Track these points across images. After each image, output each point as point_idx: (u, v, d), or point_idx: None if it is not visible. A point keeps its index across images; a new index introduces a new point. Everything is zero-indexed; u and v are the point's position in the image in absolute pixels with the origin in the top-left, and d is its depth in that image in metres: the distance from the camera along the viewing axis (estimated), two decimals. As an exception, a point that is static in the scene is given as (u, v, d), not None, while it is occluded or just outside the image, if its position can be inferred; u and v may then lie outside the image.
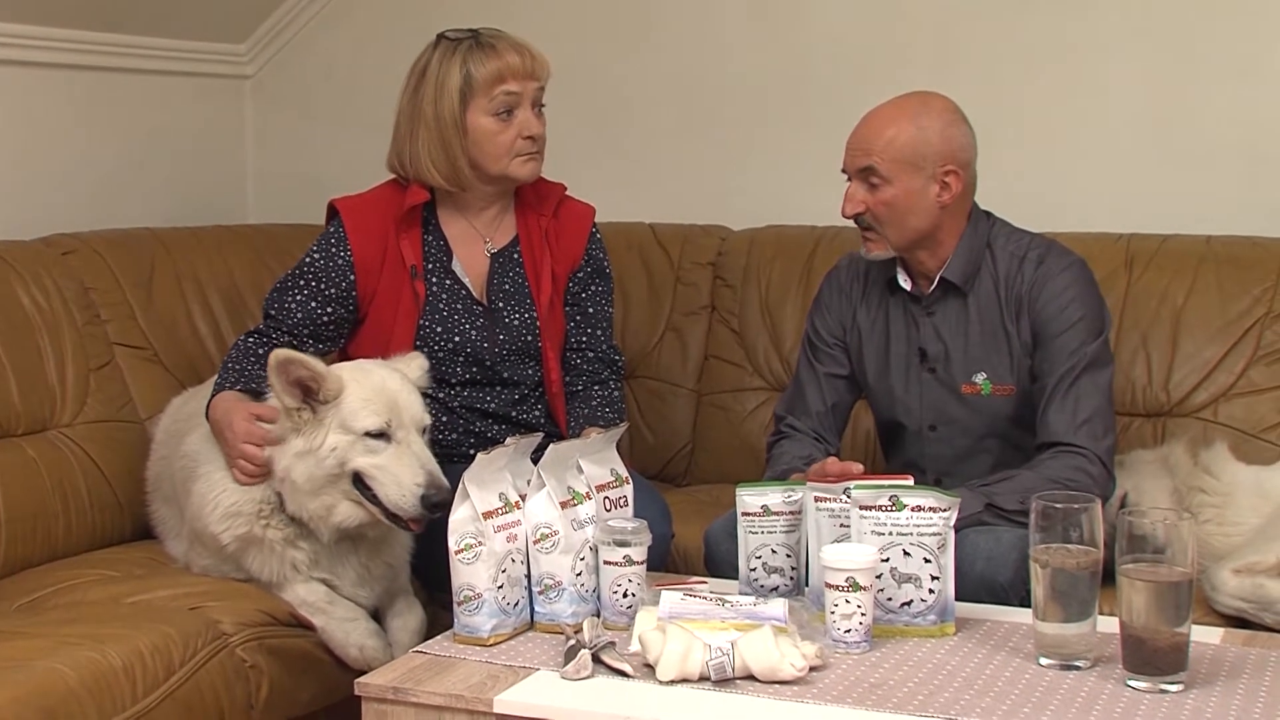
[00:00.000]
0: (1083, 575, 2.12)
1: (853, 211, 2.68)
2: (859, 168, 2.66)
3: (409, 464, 2.50)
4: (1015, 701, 2.02)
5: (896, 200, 2.64)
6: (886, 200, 2.64)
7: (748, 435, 3.44)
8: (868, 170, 2.64)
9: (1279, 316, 3.10)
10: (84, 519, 2.95)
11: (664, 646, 2.10)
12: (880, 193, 2.64)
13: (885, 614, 2.27)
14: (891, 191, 2.64)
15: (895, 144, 2.62)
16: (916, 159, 2.63)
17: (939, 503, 2.26)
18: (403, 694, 2.10)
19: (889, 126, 2.64)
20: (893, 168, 2.63)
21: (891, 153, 2.62)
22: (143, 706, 2.32)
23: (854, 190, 2.67)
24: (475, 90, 2.82)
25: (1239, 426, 3.07)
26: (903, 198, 2.64)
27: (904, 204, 2.65)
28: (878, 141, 2.63)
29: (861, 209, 2.67)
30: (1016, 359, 2.70)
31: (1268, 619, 2.55)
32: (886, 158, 2.62)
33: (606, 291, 3.05)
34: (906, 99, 2.69)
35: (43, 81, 3.47)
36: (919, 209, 2.65)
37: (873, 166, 2.63)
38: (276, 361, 2.49)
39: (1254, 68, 3.34)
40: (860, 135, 2.67)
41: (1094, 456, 2.58)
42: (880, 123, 2.65)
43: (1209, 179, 3.39)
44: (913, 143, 2.62)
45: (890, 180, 2.63)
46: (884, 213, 2.65)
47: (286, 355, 2.50)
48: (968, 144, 2.67)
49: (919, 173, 2.63)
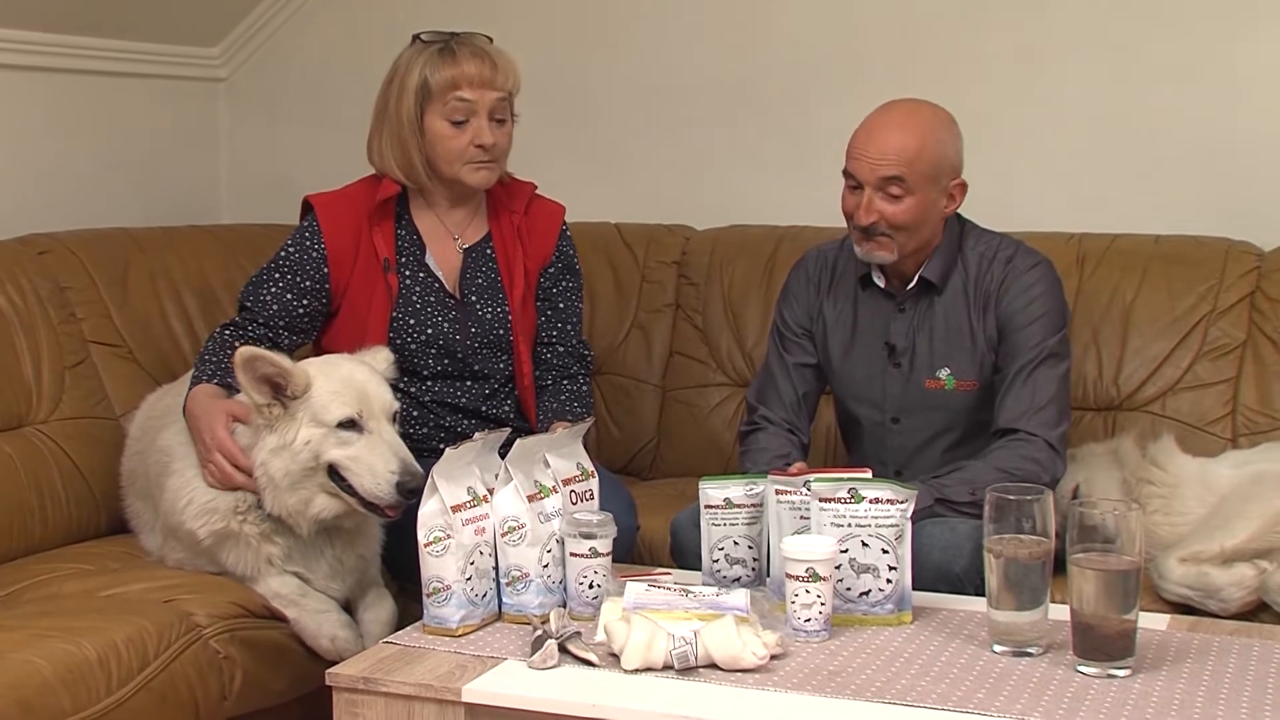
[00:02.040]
0: (1035, 565, 2.13)
1: (870, 221, 2.63)
2: (883, 176, 2.60)
3: (382, 453, 2.49)
4: (970, 687, 2.03)
5: (914, 210, 2.63)
6: (906, 210, 2.62)
7: (712, 430, 3.45)
8: (893, 180, 2.60)
9: (1223, 313, 3.13)
10: (60, 514, 2.93)
11: (629, 636, 2.10)
12: (902, 203, 2.62)
13: (844, 603, 2.28)
14: (912, 202, 2.62)
15: (924, 157, 2.60)
16: (937, 173, 2.63)
17: (896, 495, 2.27)
18: (373, 684, 2.10)
19: (916, 138, 2.60)
20: (920, 180, 2.61)
21: (921, 166, 2.60)
22: (118, 698, 2.30)
23: (871, 198, 2.62)
24: (432, 95, 2.81)
25: (1185, 420, 3.09)
26: (920, 209, 2.63)
27: (921, 215, 2.64)
28: (907, 153, 2.59)
29: (876, 218, 2.63)
30: (980, 355, 2.71)
31: (1212, 606, 2.57)
32: (916, 171, 2.60)
33: (576, 288, 3.05)
34: (920, 110, 2.66)
35: (19, 84, 3.44)
36: (931, 219, 2.66)
37: (901, 177, 2.59)
38: (242, 359, 2.47)
39: (1199, 74, 3.37)
40: (883, 145, 2.61)
41: (1043, 443, 2.60)
42: (904, 134, 2.60)
43: (1156, 181, 3.42)
44: (936, 157, 2.62)
45: (914, 191, 2.61)
46: (903, 221, 2.63)
47: (251, 353, 2.48)
48: (962, 155, 2.69)
49: (936, 185, 2.64)
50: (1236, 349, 3.10)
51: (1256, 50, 3.32)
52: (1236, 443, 3.03)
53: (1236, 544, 2.61)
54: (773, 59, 3.68)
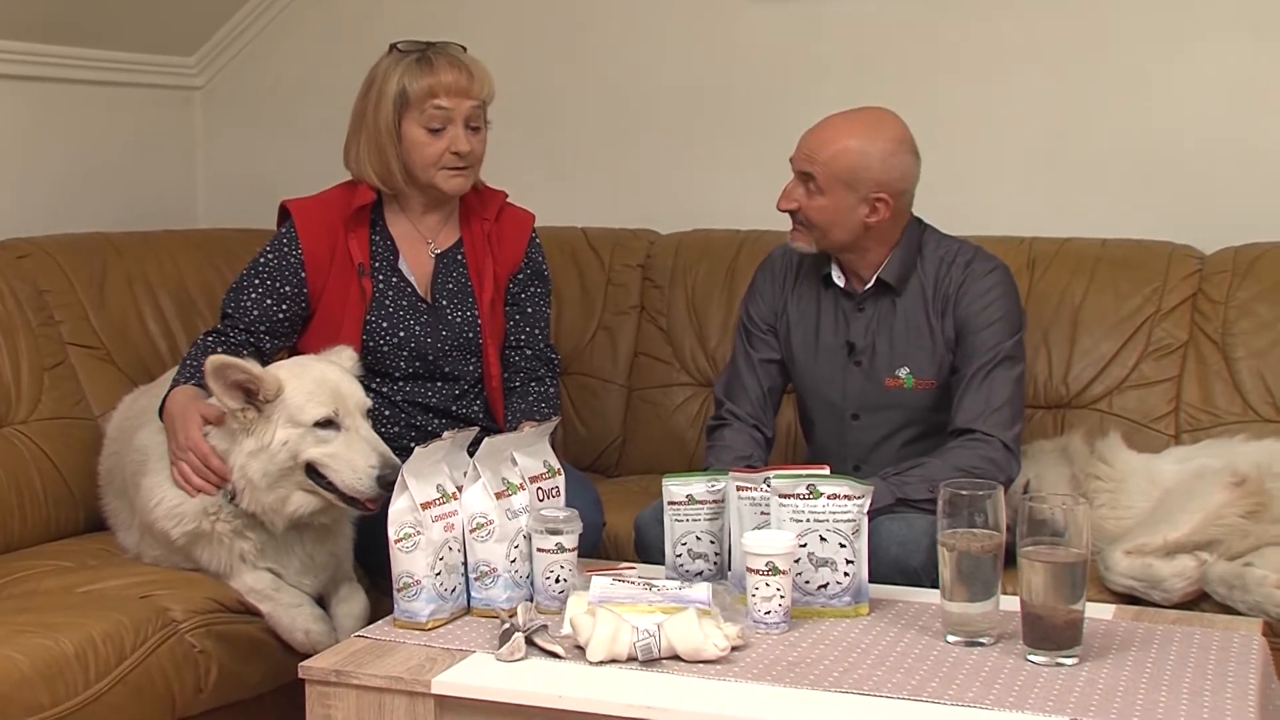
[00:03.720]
0: (986, 558, 2.14)
1: (787, 207, 2.69)
2: (801, 170, 2.67)
3: (361, 449, 2.49)
4: (924, 676, 2.04)
5: (826, 210, 2.65)
6: (818, 208, 2.66)
7: (675, 428, 3.45)
8: (806, 175, 2.65)
9: (1167, 314, 3.15)
10: (39, 512, 2.91)
11: (594, 629, 2.10)
12: (814, 199, 2.65)
13: (803, 596, 2.28)
14: (824, 201, 2.65)
15: (838, 161, 2.62)
16: (853, 179, 2.63)
17: (853, 491, 2.27)
18: (345, 676, 2.09)
19: (837, 142, 2.63)
20: (830, 183, 2.63)
21: (833, 168, 2.63)
22: (95, 691, 2.29)
23: (793, 188, 2.68)
24: (409, 103, 2.81)
25: (1131, 417, 3.10)
26: (832, 210, 2.65)
27: (831, 216, 2.66)
28: (824, 153, 2.63)
29: (795, 207, 2.68)
30: (939, 355, 2.72)
31: (1155, 596, 2.58)
32: (827, 171, 2.63)
33: (545, 293, 3.05)
34: (864, 116, 2.68)
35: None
36: (844, 224, 2.67)
37: (812, 175, 2.64)
38: (213, 368, 2.45)
39: (1141, 86, 3.40)
40: (811, 141, 2.66)
41: (999, 443, 2.61)
42: (832, 135, 2.64)
43: (1103, 187, 3.44)
44: (853, 165, 2.63)
45: (825, 192, 2.64)
46: (813, 218, 2.67)
47: (221, 361, 2.46)
48: (908, 174, 2.68)
49: (852, 192, 2.64)
50: (1179, 348, 3.13)
51: (1194, 65, 3.36)
52: (1179, 439, 3.05)
53: (1179, 537, 2.63)
54: (734, 70, 3.69)
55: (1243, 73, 3.33)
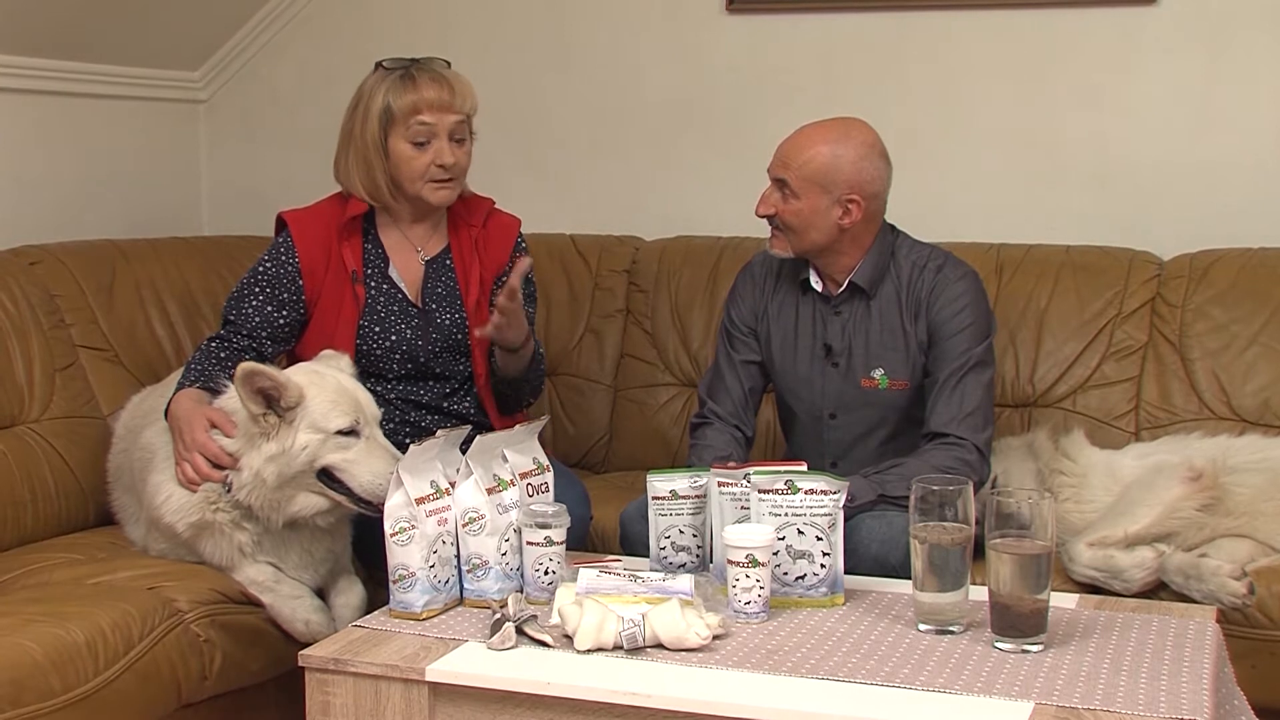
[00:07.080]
0: (956, 550, 2.14)
1: (764, 212, 2.69)
2: (776, 176, 2.67)
3: (380, 455, 2.48)
4: (896, 663, 2.03)
5: (801, 213, 2.65)
6: (794, 211, 2.66)
7: (660, 426, 3.44)
8: (783, 181, 2.66)
9: (1127, 317, 3.15)
10: (50, 507, 2.90)
11: (581, 619, 2.09)
12: (790, 203, 2.66)
13: (781, 587, 2.28)
14: (799, 205, 2.65)
15: (810, 165, 2.63)
16: (826, 182, 2.63)
17: (829, 486, 2.27)
18: (342, 664, 2.08)
19: (810, 147, 2.64)
20: (804, 185, 2.64)
21: (806, 172, 2.63)
22: (104, 678, 2.28)
23: (770, 194, 2.69)
24: (394, 119, 2.80)
25: (1094, 415, 3.11)
26: (807, 213, 2.65)
27: (807, 219, 2.66)
28: (797, 159, 2.64)
29: (772, 212, 2.68)
30: (912, 357, 2.71)
31: (1116, 586, 2.59)
32: (800, 176, 2.63)
33: (530, 295, 3.03)
34: (835, 124, 2.68)
35: (13, 106, 3.40)
36: (820, 226, 2.66)
37: (787, 180, 2.65)
38: (242, 374, 2.44)
39: (1101, 99, 3.41)
40: (786, 148, 2.68)
41: (972, 446, 2.60)
42: (805, 141, 2.66)
43: (1067, 196, 3.45)
44: (825, 168, 2.63)
45: (799, 195, 2.64)
46: (790, 221, 2.67)
47: (251, 368, 2.45)
48: (878, 177, 2.67)
49: (826, 195, 2.64)
50: (1139, 350, 3.13)
51: (1150, 83, 3.37)
52: (1139, 436, 3.06)
53: (1139, 529, 2.63)
54: (715, 82, 3.69)
55: (1196, 90, 3.35)
